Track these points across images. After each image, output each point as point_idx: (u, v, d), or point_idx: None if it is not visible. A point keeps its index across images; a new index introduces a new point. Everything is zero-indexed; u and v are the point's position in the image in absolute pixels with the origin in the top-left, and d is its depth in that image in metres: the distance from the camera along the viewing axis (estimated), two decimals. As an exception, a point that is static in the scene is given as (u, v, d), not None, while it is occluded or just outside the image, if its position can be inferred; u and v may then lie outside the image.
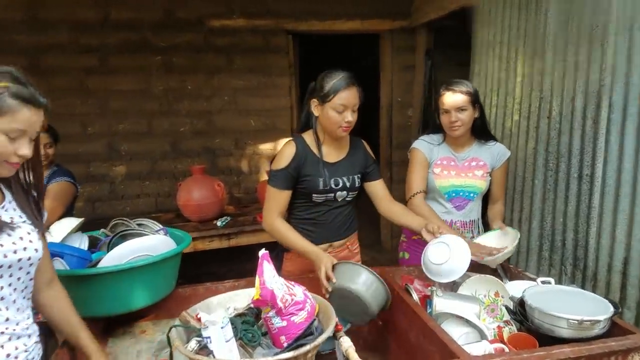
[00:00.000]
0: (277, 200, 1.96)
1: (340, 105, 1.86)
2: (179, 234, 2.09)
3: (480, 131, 2.26)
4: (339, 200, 2.05)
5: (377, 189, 2.16)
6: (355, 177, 2.07)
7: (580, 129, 2.32)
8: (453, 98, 2.15)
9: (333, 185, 2.00)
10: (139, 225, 2.10)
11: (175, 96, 4.22)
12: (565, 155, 2.42)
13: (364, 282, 1.66)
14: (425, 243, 1.96)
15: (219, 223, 3.65)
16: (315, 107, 1.96)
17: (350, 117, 1.90)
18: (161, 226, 2.07)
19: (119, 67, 4.10)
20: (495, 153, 2.29)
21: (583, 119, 2.29)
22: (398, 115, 4.71)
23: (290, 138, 2.03)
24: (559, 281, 2.50)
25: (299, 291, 1.32)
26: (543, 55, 2.55)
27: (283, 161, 1.94)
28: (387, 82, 4.66)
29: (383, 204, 2.15)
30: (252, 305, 1.37)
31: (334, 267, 1.72)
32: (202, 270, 4.42)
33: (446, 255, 1.83)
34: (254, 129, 4.44)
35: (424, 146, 2.29)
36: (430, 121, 2.41)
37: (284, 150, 1.98)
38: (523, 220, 2.74)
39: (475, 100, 2.17)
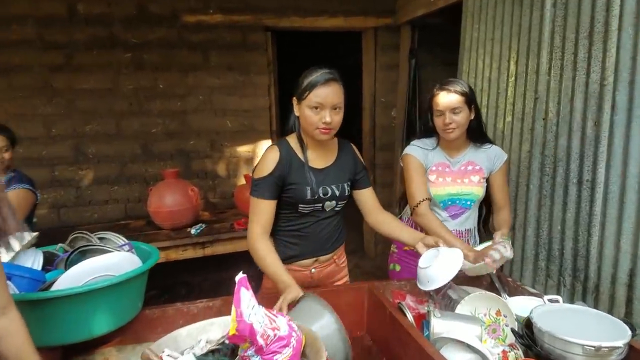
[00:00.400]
0: (262, 212, 1.76)
1: (315, 103, 1.66)
2: (146, 248, 1.87)
3: (476, 134, 2.11)
4: (327, 210, 1.86)
5: (367, 197, 1.97)
6: (345, 185, 1.88)
7: (579, 131, 2.18)
8: (447, 98, 1.99)
9: (321, 195, 1.80)
10: (101, 239, 1.88)
11: (147, 95, 3.98)
12: (563, 159, 2.28)
13: (321, 327, 1.37)
14: (418, 255, 1.79)
15: (193, 231, 3.43)
16: (295, 106, 1.77)
17: (329, 117, 1.68)
18: (125, 240, 1.85)
19: (86, 64, 3.85)
20: (491, 156, 2.13)
21: (583, 120, 2.15)
22: (381, 115, 4.54)
23: (272, 142, 1.85)
24: (557, 292, 2.37)
25: (283, 323, 1.13)
26: (538, 53, 2.41)
27: (266, 168, 1.74)
28: (370, 81, 4.49)
29: (373, 215, 1.97)
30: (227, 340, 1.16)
31: (299, 300, 1.52)
32: (176, 279, 4.20)
33: (433, 259, 1.67)
34: (230, 130, 4.22)
35: (418, 152, 2.12)
36: (421, 123, 2.22)
37: (266, 156, 1.78)
38: (517, 227, 2.59)
39: (470, 100, 2.01)
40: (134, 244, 1.90)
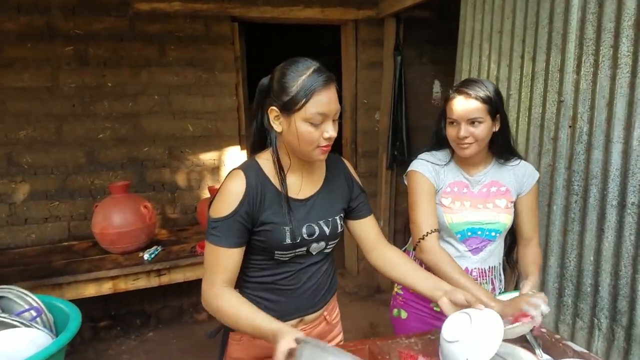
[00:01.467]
0: (221, 264, 1.26)
1: (317, 116, 1.20)
2: (64, 308, 1.35)
3: (501, 149, 1.66)
4: (314, 254, 1.39)
5: (368, 229, 1.51)
6: (337, 218, 1.42)
7: (621, 142, 1.77)
8: (465, 106, 1.54)
9: (306, 236, 1.33)
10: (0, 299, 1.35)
11: (92, 95, 3.40)
12: (598, 176, 1.87)
13: None
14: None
15: (146, 256, 2.89)
16: (275, 119, 1.27)
17: (332, 130, 1.24)
18: (34, 301, 1.32)
19: (19, 59, 3.25)
20: (520, 174, 1.70)
21: (627, 129, 1.74)
22: (364, 119, 4.06)
23: (237, 167, 1.34)
24: (589, 335, 1.97)
25: None
26: (564, 47, 1.99)
27: (227, 205, 1.25)
28: (351, 81, 4.00)
29: (377, 252, 1.50)
30: None
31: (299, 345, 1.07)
32: (130, 307, 3.65)
33: (464, 329, 1.23)
34: (192, 134, 3.68)
35: (428, 169, 1.66)
36: (434, 131, 1.76)
37: (228, 187, 1.28)
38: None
39: (495, 109, 1.57)
40: (49, 300, 1.38)
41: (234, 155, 3.78)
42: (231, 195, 1.25)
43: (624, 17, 1.73)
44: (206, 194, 3.65)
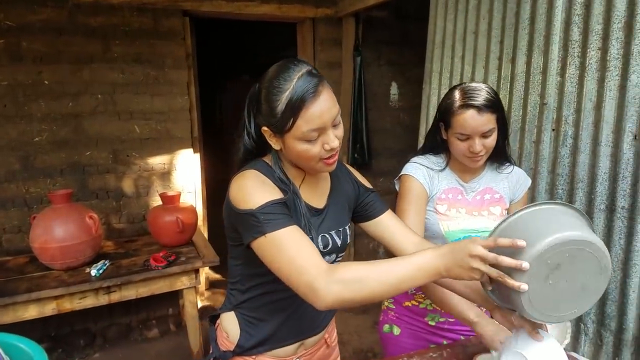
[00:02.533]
0: (304, 243, 1.04)
1: (311, 132, 1.06)
2: (23, 347, 1.11)
3: (498, 152, 1.59)
4: None
5: (390, 227, 1.32)
6: (347, 228, 1.29)
7: (610, 146, 1.75)
8: (478, 121, 1.43)
9: (321, 247, 1.19)
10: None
11: (27, 94, 3.03)
12: (585, 179, 1.85)
13: (570, 219, 1.01)
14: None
15: (93, 272, 2.60)
16: (271, 138, 1.14)
17: (333, 140, 1.09)
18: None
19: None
20: (513, 181, 1.64)
21: (616, 132, 1.73)
22: (322, 121, 3.94)
23: (243, 169, 1.17)
24: (575, 341, 1.95)
25: None
26: (546, 49, 1.96)
27: (264, 190, 1.09)
28: (309, 81, 3.87)
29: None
30: None
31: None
32: (73, 326, 3.32)
33: None
34: (139, 136, 3.39)
35: (423, 173, 1.56)
36: (428, 138, 1.66)
37: (249, 180, 1.11)
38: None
39: (501, 114, 1.50)
40: (6, 340, 1.13)
41: (187, 159, 3.53)
42: (262, 183, 1.11)
43: (613, 19, 1.71)
44: (156, 202, 3.38)
